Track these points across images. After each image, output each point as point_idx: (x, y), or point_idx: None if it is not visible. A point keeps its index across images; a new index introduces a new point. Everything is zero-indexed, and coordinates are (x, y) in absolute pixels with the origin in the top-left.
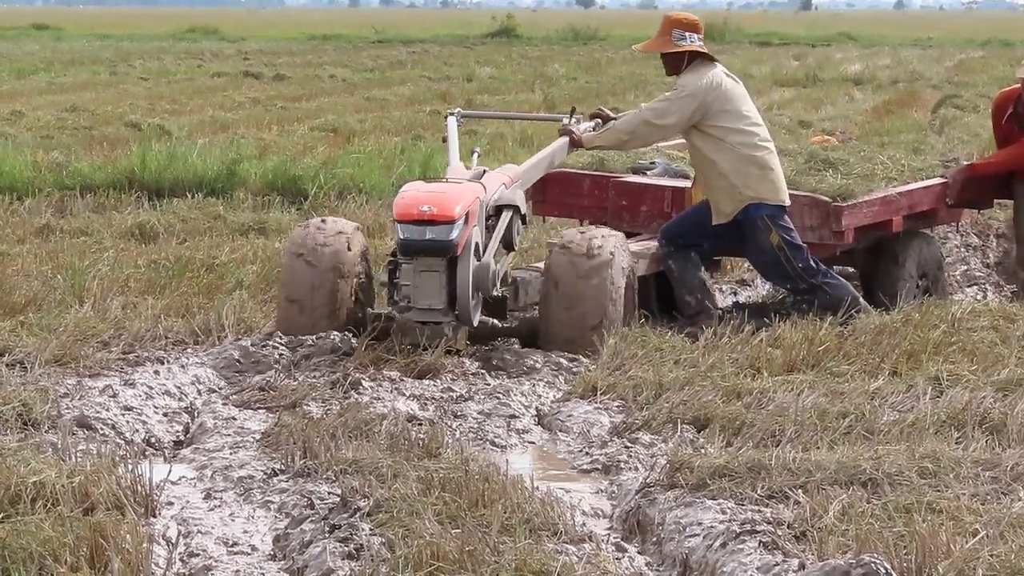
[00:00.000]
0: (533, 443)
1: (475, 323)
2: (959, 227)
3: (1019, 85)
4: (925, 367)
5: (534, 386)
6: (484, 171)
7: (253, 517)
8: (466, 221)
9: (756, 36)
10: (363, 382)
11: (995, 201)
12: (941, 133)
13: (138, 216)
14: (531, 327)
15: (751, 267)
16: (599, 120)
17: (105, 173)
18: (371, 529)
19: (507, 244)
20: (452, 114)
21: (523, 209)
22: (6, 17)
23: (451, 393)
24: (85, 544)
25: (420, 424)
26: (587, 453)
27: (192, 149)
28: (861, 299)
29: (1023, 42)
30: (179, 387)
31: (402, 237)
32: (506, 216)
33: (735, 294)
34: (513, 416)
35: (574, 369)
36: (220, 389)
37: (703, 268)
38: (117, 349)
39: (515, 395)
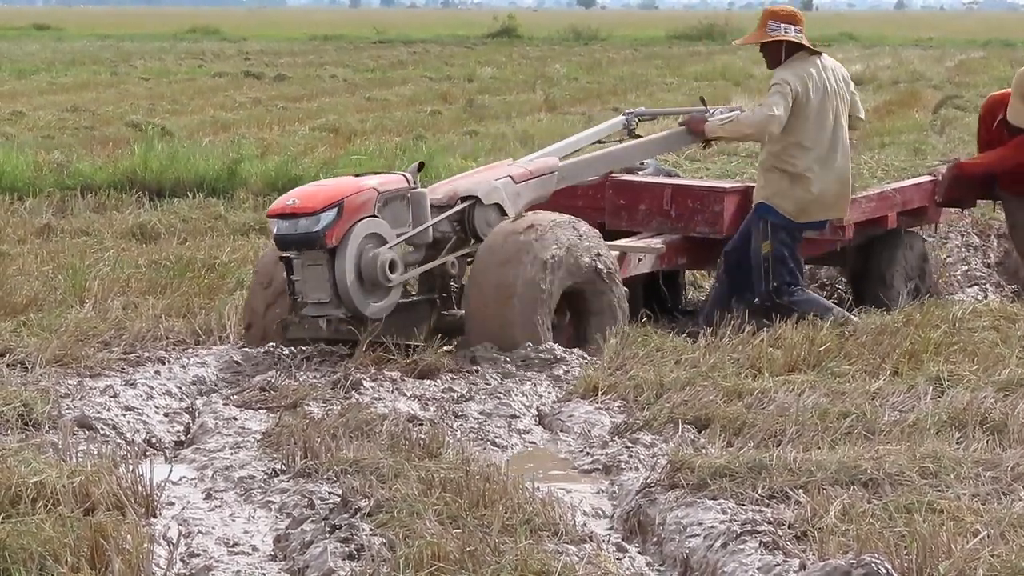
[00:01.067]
0: (534, 443)
1: (369, 314)
2: (937, 227)
3: (1009, 90)
4: (926, 367)
5: (535, 386)
6: (421, 164)
7: (254, 517)
8: (340, 213)
9: None
10: (364, 382)
11: (979, 201)
12: (942, 133)
13: (139, 216)
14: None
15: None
16: (739, 110)
17: (106, 173)
18: (372, 529)
19: (474, 234)
20: (627, 114)
21: (489, 201)
22: (7, 17)
23: (452, 393)
24: (86, 544)
25: (421, 424)
26: (588, 453)
27: (193, 149)
28: (835, 309)
29: (1023, 42)
30: (180, 387)
31: (274, 232)
32: (458, 207)
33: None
34: (514, 416)
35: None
36: (221, 389)
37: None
38: (118, 349)
39: (516, 395)
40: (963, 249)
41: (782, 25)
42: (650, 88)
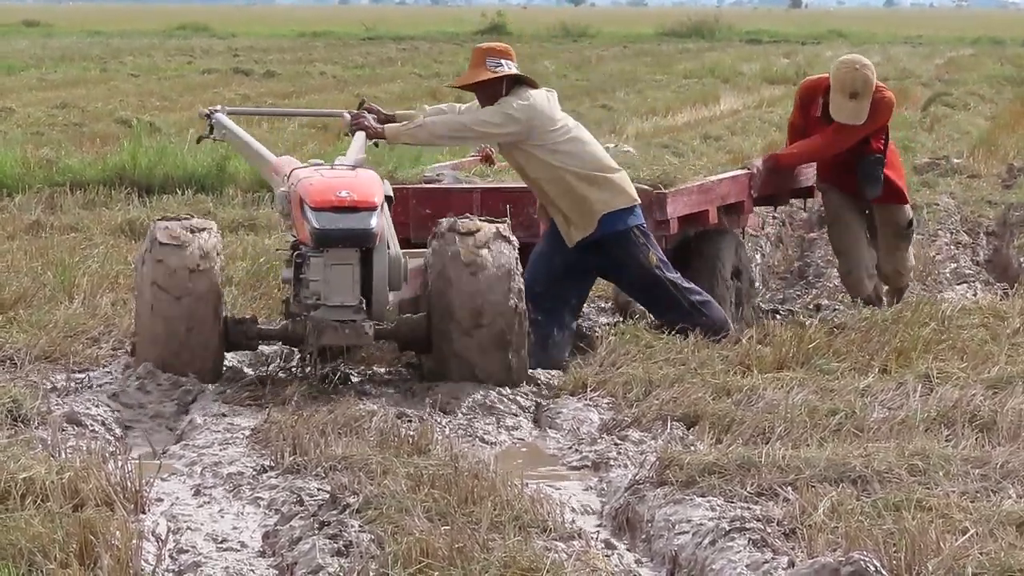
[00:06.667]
0: (523, 440)
1: (387, 320)
2: (745, 233)
3: (827, 75)
4: (915, 364)
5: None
6: (358, 149)
7: (243, 514)
8: (382, 209)
9: (746, 34)
10: (353, 378)
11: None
12: (931, 131)
13: (128, 212)
14: (412, 329)
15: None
16: (375, 115)
17: (95, 169)
18: (360, 526)
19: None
20: (216, 111)
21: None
22: None
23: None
24: (74, 540)
25: (410, 421)
26: (577, 450)
27: (182, 145)
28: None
29: (1013, 40)
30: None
31: (317, 226)
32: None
33: None
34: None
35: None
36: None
37: (568, 347)
38: (107, 345)
39: (505, 391)
40: (952, 247)
41: (503, 61)
42: (639, 85)
